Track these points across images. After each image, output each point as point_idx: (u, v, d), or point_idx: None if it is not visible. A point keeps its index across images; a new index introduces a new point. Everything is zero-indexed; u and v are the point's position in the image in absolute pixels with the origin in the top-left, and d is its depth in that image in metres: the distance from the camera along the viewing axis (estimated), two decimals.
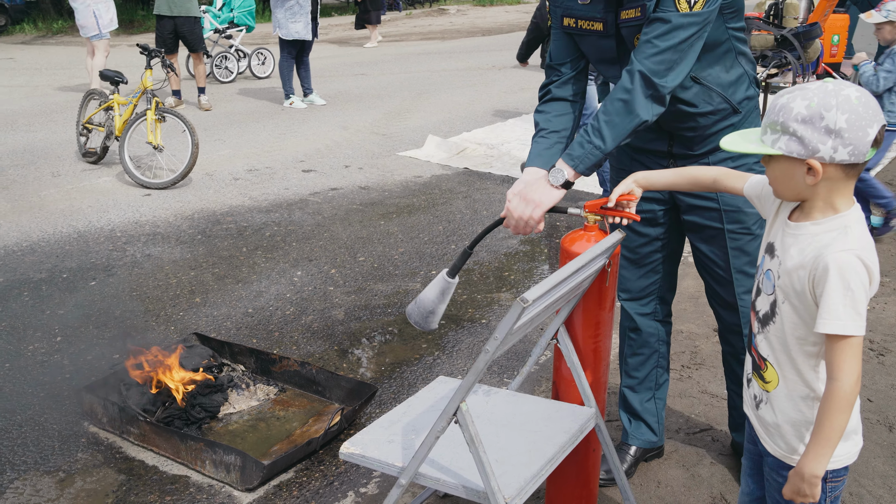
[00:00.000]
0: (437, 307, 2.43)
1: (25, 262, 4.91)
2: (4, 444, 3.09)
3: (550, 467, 2.15)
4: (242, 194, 6.31)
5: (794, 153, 1.59)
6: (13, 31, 21.96)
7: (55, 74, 13.23)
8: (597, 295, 2.33)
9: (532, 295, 1.79)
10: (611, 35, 2.37)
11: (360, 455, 2.21)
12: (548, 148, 2.42)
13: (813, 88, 1.58)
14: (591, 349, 2.40)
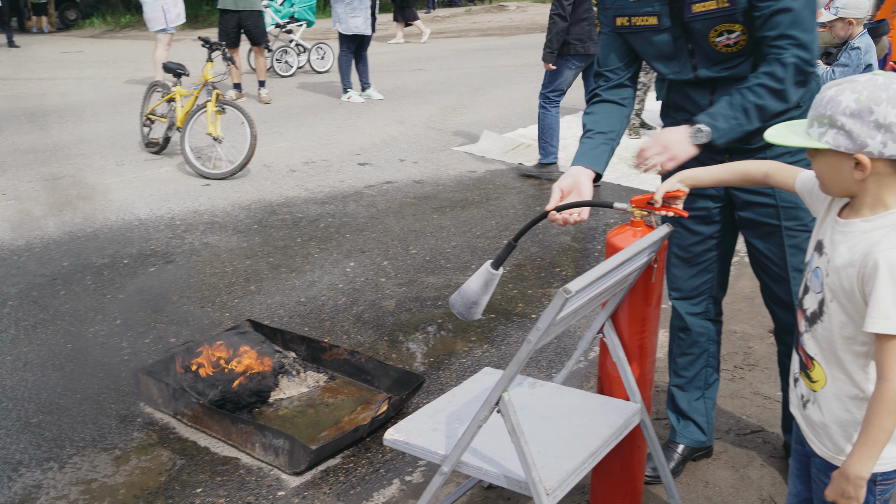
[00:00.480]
0: (480, 298, 2.43)
1: (89, 247, 5.07)
2: (65, 420, 3.20)
3: (593, 461, 2.15)
4: (298, 186, 6.41)
5: (842, 147, 1.56)
6: (83, 26, 22.63)
7: (122, 67, 13.60)
8: (643, 291, 2.32)
9: (575, 286, 1.79)
10: (665, 29, 2.35)
11: (403, 442, 2.24)
12: (593, 148, 2.42)
13: (863, 81, 1.54)
14: (636, 345, 2.39)
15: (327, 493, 2.79)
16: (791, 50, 2.20)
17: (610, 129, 2.48)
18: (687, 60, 2.39)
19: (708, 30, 2.29)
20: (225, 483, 2.84)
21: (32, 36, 20.46)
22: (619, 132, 2.51)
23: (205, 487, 2.82)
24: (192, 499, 2.76)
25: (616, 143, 2.47)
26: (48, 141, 7.93)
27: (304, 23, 12.64)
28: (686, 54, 2.38)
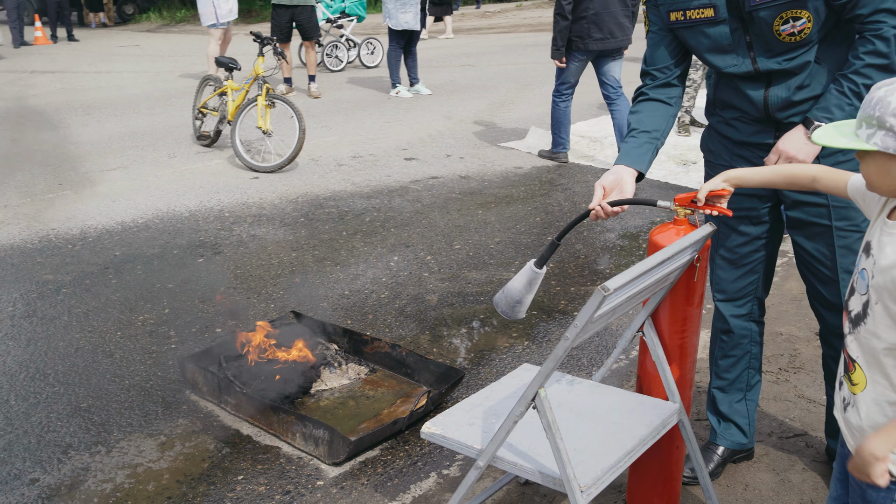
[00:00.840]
0: (524, 297, 2.43)
1: (140, 237, 5.18)
2: (113, 405, 3.29)
3: (629, 460, 2.14)
4: (345, 180, 6.46)
5: (891, 149, 1.53)
6: (140, 20, 23.13)
7: (176, 61, 13.86)
8: (684, 290, 2.30)
9: (614, 284, 1.79)
10: (723, 20, 2.32)
11: (440, 435, 2.25)
12: (637, 147, 2.40)
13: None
14: (677, 344, 2.37)
15: (365, 485, 2.82)
16: (889, 21, 2.17)
17: (654, 128, 2.46)
18: (745, 52, 2.34)
19: (774, 17, 2.24)
20: (266, 471, 2.89)
21: (91, 30, 20.98)
22: (664, 131, 2.49)
23: (246, 475, 2.87)
24: (233, 485, 2.81)
25: (661, 142, 2.45)
26: (104, 133, 8.12)
27: (354, 18, 12.74)
28: (744, 46, 2.34)
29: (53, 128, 8.38)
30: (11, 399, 3.32)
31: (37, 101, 9.98)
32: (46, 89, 11.01)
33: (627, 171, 2.34)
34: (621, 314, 2.14)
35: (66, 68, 13.22)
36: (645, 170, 2.38)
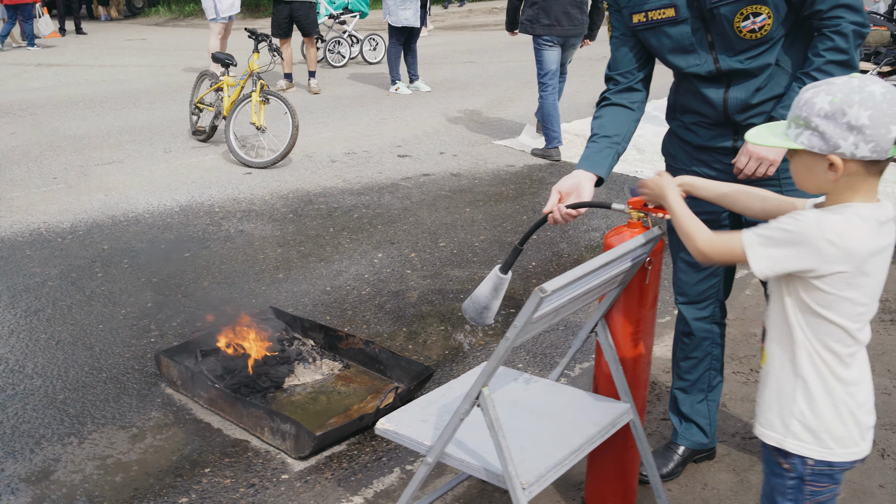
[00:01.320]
0: (490, 303, 2.46)
1: (129, 231, 5.24)
2: (89, 398, 3.34)
3: (575, 458, 2.17)
4: (337, 176, 6.51)
5: (816, 148, 1.59)
6: (149, 13, 23.21)
7: (182, 55, 13.93)
8: (637, 292, 2.33)
9: (552, 286, 1.82)
10: (684, 20, 2.34)
11: (393, 431, 2.29)
12: (597, 152, 2.43)
13: (838, 84, 1.57)
14: (630, 345, 2.40)
15: (329, 479, 2.86)
16: (847, 17, 2.20)
17: (615, 133, 2.48)
18: (707, 52, 2.36)
19: (734, 14, 2.26)
20: (233, 464, 2.94)
21: (100, 23, 21.08)
22: (625, 136, 2.51)
23: (213, 468, 2.92)
24: (199, 478, 2.86)
25: (622, 147, 2.47)
26: (102, 127, 8.19)
27: (357, 14, 12.78)
28: (706, 46, 2.36)
29: (53, 121, 8.46)
30: None
31: (39, 94, 10.06)
32: (50, 82, 11.09)
33: (586, 175, 2.37)
34: (569, 314, 2.17)
35: (72, 62, 13.30)
36: (604, 174, 2.40)
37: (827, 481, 1.73)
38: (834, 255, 1.57)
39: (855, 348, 1.68)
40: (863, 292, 1.62)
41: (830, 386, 1.68)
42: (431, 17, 17.98)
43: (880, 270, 1.63)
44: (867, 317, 1.66)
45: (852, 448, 1.71)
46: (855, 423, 1.70)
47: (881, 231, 1.61)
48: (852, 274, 1.59)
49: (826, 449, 1.71)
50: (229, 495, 2.77)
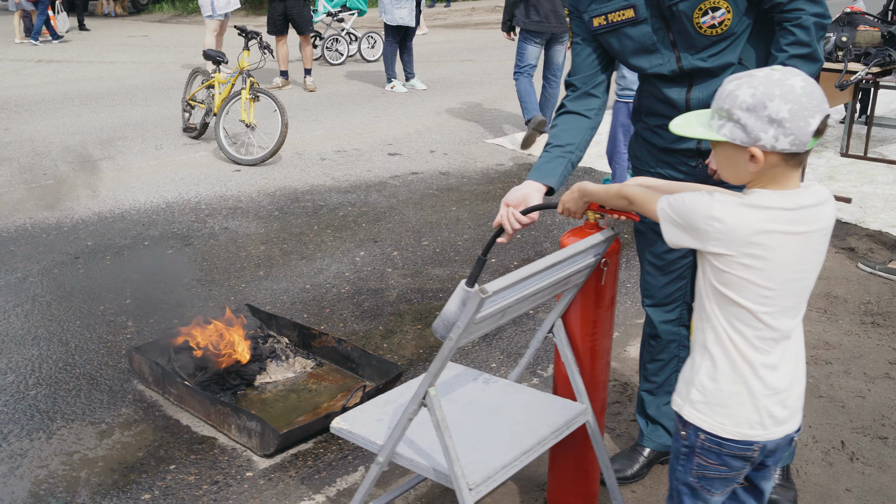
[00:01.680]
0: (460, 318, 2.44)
1: (115, 228, 5.25)
2: (60, 394, 3.35)
3: (526, 459, 2.17)
4: (326, 174, 6.51)
5: (738, 140, 1.61)
6: (153, 10, 23.23)
7: (182, 52, 13.94)
8: (593, 293, 2.32)
9: (493, 287, 1.82)
10: (643, 20, 2.33)
11: (347, 430, 2.30)
12: (548, 162, 2.43)
13: (760, 76, 1.59)
14: (587, 347, 2.40)
15: (293, 477, 2.87)
16: (808, 9, 2.18)
17: (569, 142, 2.47)
18: (670, 51, 2.36)
19: (692, 9, 2.25)
20: (198, 461, 2.95)
21: (103, 19, 21.12)
22: (579, 145, 2.50)
23: (178, 464, 2.92)
24: (164, 475, 2.86)
25: (576, 156, 2.46)
26: (96, 123, 8.21)
27: (355, 12, 12.77)
28: (668, 45, 2.35)
29: (47, 118, 8.48)
30: None
31: (36, 90, 10.09)
32: (48, 79, 11.12)
33: (535, 186, 2.37)
34: (519, 314, 2.17)
35: (73, 58, 13.33)
36: (555, 184, 2.40)
37: (714, 459, 1.76)
38: (714, 232, 1.61)
39: (767, 333, 1.68)
40: (762, 276, 1.63)
41: (736, 365, 1.70)
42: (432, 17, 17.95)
43: (784, 257, 1.62)
44: (779, 303, 1.66)
45: (745, 430, 1.72)
46: (755, 407, 1.71)
47: (780, 217, 1.61)
48: (738, 255, 1.61)
49: (717, 423, 1.73)
50: (192, 492, 2.78)
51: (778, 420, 1.72)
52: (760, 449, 1.73)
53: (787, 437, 1.75)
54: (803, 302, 1.72)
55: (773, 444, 1.74)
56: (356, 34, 12.70)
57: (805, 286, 1.69)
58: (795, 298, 1.68)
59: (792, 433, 1.76)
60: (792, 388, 1.73)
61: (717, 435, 1.73)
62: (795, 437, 1.78)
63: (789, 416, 1.74)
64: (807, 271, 1.67)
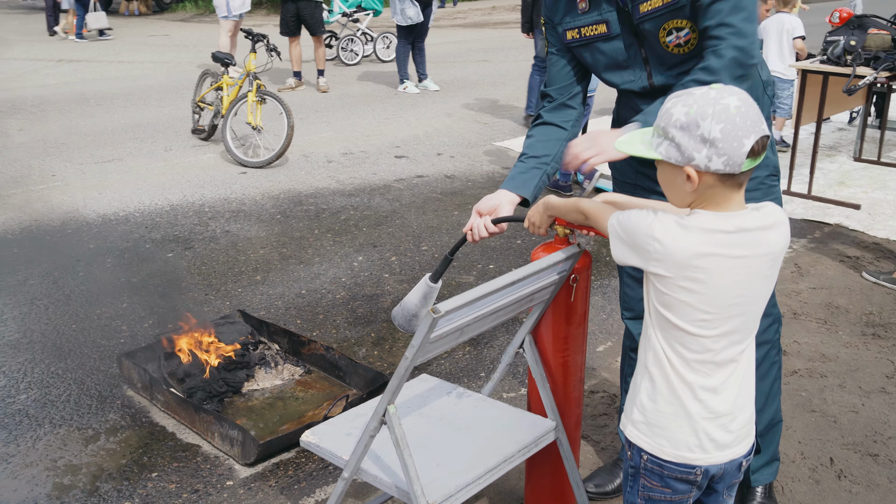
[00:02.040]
0: (419, 311, 2.45)
1: (117, 231, 5.30)
2: (49, 398, 3.38)
3: (490, 477, 2.16)
4: (331, 177, 6.52)
5: (673, 159, 1.58)
6: (176, 9, 23.41)
7: (200, 52, 14.02)
8: (563, 310, 2.30)
9: (445, 307, 1.80)
10: (616, 36, 2.31)
11: (315, 444, 2.29)
12: (522, 172, 2.40)
13: (696, 95, 1.56)
14: (559, 363, 2.38)
15: (272, 486, 2.87)
16: (729, 40, 2.11)
17: (544, 153, 2.45)
18: (642, 68, 2.34)
19: (657, 29, 2.24)
20: (180, 469, 2.96)
21: (127, 18, 21.30)
22: (554, 156, 2.47)
23: (160, 472, 2.94)
24: (145, 482, 2.88)
25: (550, 167, 2.44)
26: (108, 124, 8.29)
27: (370, 12, 12.79)
28: (640, 62, 2.34)
29: (61, 118, 8.57)
30: None
31: (53, 90, 10.20)
32: (66, 79, 11.24)
33: (508, 196, 2.35)
34: (481, 331, 2.15)
35: (92, 58, 13.46)
36: (529, 196, 2.38)
37: (657, 480, 1.73)
38: (654, 252, 1.59)
39: (707, 356, 1.65)
40: (700, 299, 1.59)
41: (674, 386, 1.67)
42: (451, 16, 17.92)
43: (722, 281, 1.59)
44: (719, 327, 1.62)
45: (685, 453, 1.69)
46: (693, 430, 1.68)
47: (717, 240, 1.57)
48: (677, 278, 1.59)
49: (657, 445, 1.71)
50: (171, 500, 2.80)
51: (720, 444, 1.69)
52: (703, 473, 1.70)
53: (734, 463, 1.72)
54: (750, 327, 1.69)
55: (717, 468, 1.71)
56: (371, 34, 12.72)
57: (748, 311, 1.65)
58: (738, 323, 1.64)
59: (739, 458, 1.73)
60: (736, 413, 1.70)
61: (657, 456, 1.71)
62: (744, 462, 1.76)
63: (734, 440, 1.71)
64: (749, 296, 1.63)
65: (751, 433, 1.76)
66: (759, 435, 2.67)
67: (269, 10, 19.90)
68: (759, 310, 1.69)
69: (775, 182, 2.45)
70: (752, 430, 1.76)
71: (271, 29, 12.21)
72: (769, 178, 2.42)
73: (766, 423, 2.64)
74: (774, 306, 2.52)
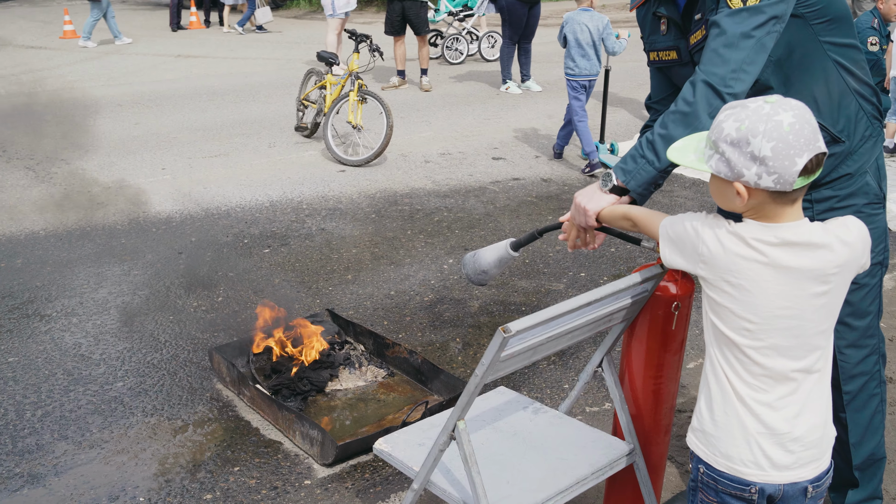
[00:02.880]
0: (491, 269, 2.46)
1: (219, 225, 5.47)
2: (143, 388, 3.51)
3: (561, 499, 2.11)
4: (427, 177, 6.55)
5: (722, 174, 1.57)
6: (290, 6, 24.02)
7: (310, 49, 14.32)
8: (660, 336, 2.21)
9: (516, 326, 1.76)
10: (687, 63, 2.29)
11: (388, 453, 2.30)
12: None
13: (750, 109, 1.52)
14: (650, 390, 2.29)
15: (349, 488, 2.90)
16: (702, 66, 1.99)
17: None
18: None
19: None
20: (261, 465, 3.02)
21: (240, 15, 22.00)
22: None
23: (242, 467, 3.01)
24: (227, 476, 2.95)
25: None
26: (218, 119, 8.57)
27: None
28: None
29: (175, 113, 8.92)
30: (58, 374, 3.61)
31: (169, 85, 10.62)
32: (182, 74, 11.69)
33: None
34: (555, 350, 2.10)
35: (208, 53, 13.96)
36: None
37: (713, 495, 1.71)
38: (700, 255, 1.62)
39: (758, 370, 1.62)
40: (742, 306, 1.59)
41: (728, 397, 1.66)
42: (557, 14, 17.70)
43: (765, 290, 1.57)
44: (765, 339, 1.60)
45: (739, 467, 1.66)
46: (747, 444, 1.64)
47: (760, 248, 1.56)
48: (718, 281, 1.61)
49: (712, 455, 1.69)
50: (251, 496, 2.85)
51: (777, 464, 1.64)
52: (759, 492, 1.66)
53: (796, 487, 1.66)
54: (808, 346, 1.62)
55: (774, 489, 1.66)
56: (477, 33, 12.71)
57: (800, 327, 1.60)
58: (788, 339, 1.60)
59: (802, 482, 1.66)
60: (798, 433, 1.64)
61: (712, 467, 1.69)
62: (810, 488, 1.67)
63: (794, 462, 1.65)
64: (798, 312, 1.58)
65: (819, 458, 1.69)
66: (858, 469, 2.51)
67: (378, 7, 20.16)
68: (817, 329, 1.63)
69: (877, 210, 2.28)
70: (821, 455, 1.69)
71: (371, 28, 12.37)
72: (868, 206, 2.26)
73: (864, 457, 2.49)
74: (873, 337, 2.37)
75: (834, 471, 2.58)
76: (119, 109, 9.07)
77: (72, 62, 12.82)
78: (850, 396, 2.42)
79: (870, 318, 2.35)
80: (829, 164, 2.23)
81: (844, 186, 2.24)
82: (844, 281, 1.62)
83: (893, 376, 3.55)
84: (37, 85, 10.71)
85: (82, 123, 8.32)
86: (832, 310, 1.63)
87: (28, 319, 4.11)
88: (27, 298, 4.35)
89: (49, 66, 12.31)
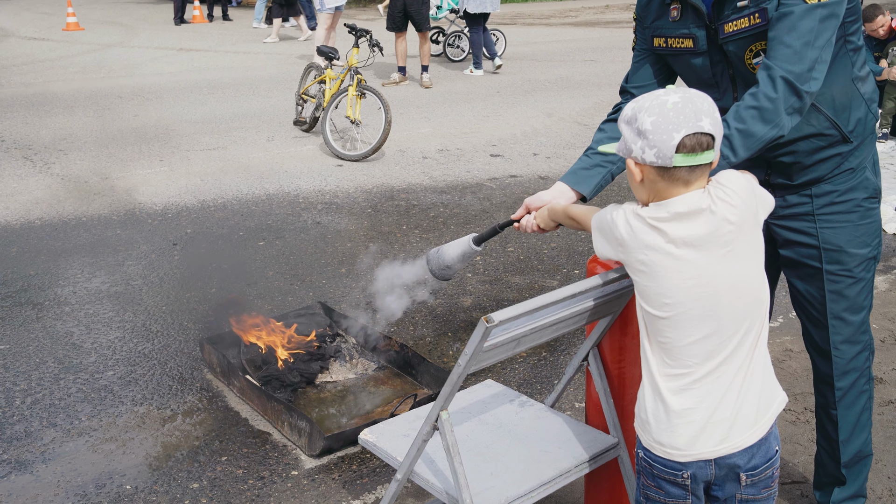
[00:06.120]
0: (454, 264, 2.50)
1: (214, 217, 5.47)
2: (133, 377, 3.51)
3: (544, 491, 2.11)
4: (424, 173, 6.54)
5: (620, 151, 1.70)
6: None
7: (312, 44, 14.33)
8: (619, 319, 2.21)
9: (499, 316, 1.76)
10: (702, 52, 2.23)
11: (372, 443, 2.30)
12: (585, 168, 2.33)
13: (650, 93, 1.64)
14: (615, 374, 2.29)
15: (335, 479, 2.90)
16: (783, 65, 1.96)
17: (613, 151, 2.37)
18: (728, 87, 2.25)
19: (743, 51, 2.15)
20: (249, 455, 3.02)
21: (248, 10, 21.99)
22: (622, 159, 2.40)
23: (230, 456, 3.01)
24: (214, 465, 2.96)
25: (616, 167, 2.35)
26: (217, 113, 8.57)
27: None
28: (728, 80, 2.24)
29: (174, 105, 8.92)
30: (49, 362, 3.61)
31: (170, 78, 10.63)
32: (184, 67, 11.69)
33: (566, 192, 2.29)
34: (540, 342, 2.10)
35: (211, 47, 13.96)
36: (588, 193, 2.31)
37: (650, 479, 1.76)
38: (619, 241, 1.70)
39: (682, 353, 1.67)
40: (657, 283, 1.65)
41: (655, 384, 1.72)
42: (563, 13, 17.77)
43: (676, 265, 1.63)
44: (683, 316, 1.65)
45: (671, 451, 1.71)
46: (671, 427, 1.69)
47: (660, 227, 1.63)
48: (632, 261, 1.69)
49: (650, 443, 1.75)
50: (237, 485, 2.86)
51: (701, 445, 1.68)
52: (691, 477, 1.69)
53: (727, 464, 1.69)
54: (727, 317, 1.66)
55: (706, 474, 1.70)
56: None
57: (713, 296, 1.64)
58: (707, 309, 1.64)
59: (733, 459, 1.69)
60: (725, 414, 1.68)
61: (649, 452, 1.75)
62: (743, 476, 1.71)
63: (719, 442, 1.68)
64: (707, 277, 1.63)
65: (750, 442, 1.71)
66: (846, 466, 2.52)
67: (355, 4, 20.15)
68: (736, 299, 1.66)
69: (874, 204, 2.30)
70: (755, 439, 1.71)
71: (373, 24, 12.37)
72: (867, 200, 2.28)
73: (852, 454, 2.49)
74: (864, 333, 2.37)
75: (821, 468, 2.59)
76: (119, 101, 9.08)
77: (74, 54, 12.83)
78: (842, 393, 2.42)
79: (864, 313, 2.35)
80: (835, 161, 2.24)
81: (845, 181, 2.25)
82: (749, 241, 1.66)
83: (884, 377, 3.55)
84: (38, 76, 10.73)
85: (81, 115, 8.32)
86: (753, 275, 1.69)
87: (21, 308, 4.12)
88: (21, 287, 4.35)
89: (51, 58, 12.32)
